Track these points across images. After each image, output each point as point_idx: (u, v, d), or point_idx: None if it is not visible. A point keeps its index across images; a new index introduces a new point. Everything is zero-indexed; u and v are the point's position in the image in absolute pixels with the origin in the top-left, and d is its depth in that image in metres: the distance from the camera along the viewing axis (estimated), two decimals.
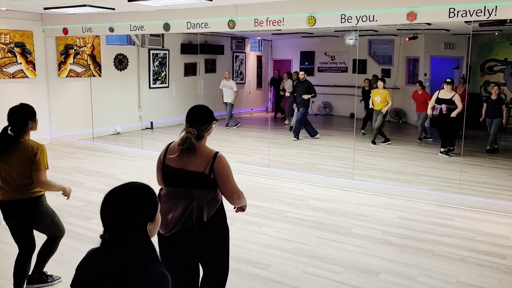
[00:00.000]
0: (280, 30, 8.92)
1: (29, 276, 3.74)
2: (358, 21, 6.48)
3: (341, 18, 6.60)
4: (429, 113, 9.47)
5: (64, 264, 4.23)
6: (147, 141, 10.17)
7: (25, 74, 9.84)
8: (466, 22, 6.92)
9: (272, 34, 13.81)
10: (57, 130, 10.56)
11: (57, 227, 3.76)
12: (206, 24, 7.90)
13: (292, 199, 6.33)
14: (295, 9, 6.99)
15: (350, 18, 6.53)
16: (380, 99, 10.26)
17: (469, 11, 5.64)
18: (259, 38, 16.45)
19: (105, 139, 10.74)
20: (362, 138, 11.11)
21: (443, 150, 9.15)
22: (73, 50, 10.69)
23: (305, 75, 11.07)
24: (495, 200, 6.16)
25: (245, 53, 16.09)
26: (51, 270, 3.97)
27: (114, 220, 1.61)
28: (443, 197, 6.28)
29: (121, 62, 11.82)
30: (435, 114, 9.20)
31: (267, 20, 7.26)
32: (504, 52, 13.31)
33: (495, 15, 5.51)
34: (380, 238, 4.95)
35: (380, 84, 10.38)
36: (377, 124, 10.30)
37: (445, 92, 9.12)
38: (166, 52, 12.87)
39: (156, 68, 12.71)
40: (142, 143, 9.70)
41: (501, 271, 4.20)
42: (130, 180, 1.76)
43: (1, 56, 9.41)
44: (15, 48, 9.63)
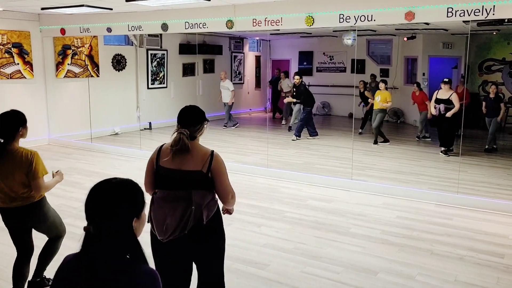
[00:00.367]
0: (279, 30, 8.93)
1: (30, 281, 3.69)
2: (357, 21, 6.48)
3: (340, 18, 6.60)
4: (431, 114, 9.55)
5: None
6: (146, 142, 10.15)
7: (23, 75, 9.82)
8: (464, 22, 6.93)
9: (271, 34, 13.80)
10: (55, 131, 10.54)
11: (59, 227, 3.72)
12: (204, 24, 7.89)
13: (291, 199, 6.32)
14: (293, 9, 6.98)
15: (349, 18, 6.53)
16: (381, 99, 10.34)
17: (467, 11, 5.65)
18: (258, 38, 16.45)
19: (103, 140, 10.72)
20: (361, 138, 11.11)
21: (443, 150, 9.16)
22: (71, 51, 10.68)
23: (300, 80, 11.06)
24: (494, 200, 6.16)
25: (244, 53, 16.08)
26: (50, 272, 3.95)
27: (99, 213, 1.57)
28: (442, 197, 6.28)
29: (119, 63, 11.80)
30: (435, 115, 9.23)
31: (266, 20, 7.25)
32: (502, 52, 13.33)
33: (493, 15, 5.52)
34: (379, 238, 4.95)
35: (382, 86, 10.48)
36: (376, 124, 10.33)
37: (443, 92, 9.13)
38: (164, 52, 12.86)
39: (154, 69, 12.69)
40: (141, 144, 9.69)
41: (500, 270, 4.20)
42: (130, 177, 1.75)
43: None
44: (13, 49, 9.60)
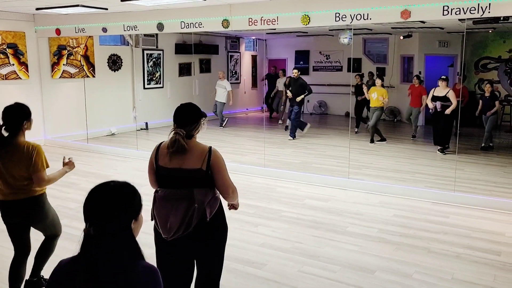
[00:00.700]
0: (275, 29, 8.91)
1: (27, 281, 3.67)
2: (353, 20, 6.48)
3: (336, 17, 6.60)
4: (430, 106, 9.30)
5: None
6: (142, 142, 10.13)
7: (18, 76, 9.78)
8: (460, 20, 6.95)
9: (267, 34, 13.79)
10: (51, 132, 10.50)
11: (56, 226, 3.72)
12: (200, 24, 7.88)
13: (288, 199, 6.32)
14: (290, 8, 6.98)
15: (345, 17, 6.53)
16: (377, 96, 10.27)
17: (463, 9, 5.66)
18: (254, 38, 16.44)
19: (100, 140, 10.69)
20: (357, 137, 11.12)
21: (440, 148, 9.16)
22: (66, 51, 10.64)
23: (299, 73, 10.97)
24: (490, 197, 6.18)
25: (240, 53, 16.07)
26: (46, 272, 3.93)
27: (98, 215, 1.59)
28: (439, 195, 6.29)
29: (115, 63, 11.77)
30: (431, 111, 9.22)
31: (262, 19, 7.24)
32: (498, 50, 13.37)
33: (489, 13, 5.53)
34: (376, 236, 4.95)
35: (378, 82, 10.39)
36: (372, 123, 10.31)
37: (440, 89, 9.13)
38: (160, 52, 12.83)
39: (151, 69, 12.66)
40: (137, 144, 9.66)
41: (496, 268, 4.21)
42: (126, 180, 1.75)
43: None
44: (7, 49, 9.56)
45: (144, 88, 12.53)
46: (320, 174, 7.40)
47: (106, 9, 8.40)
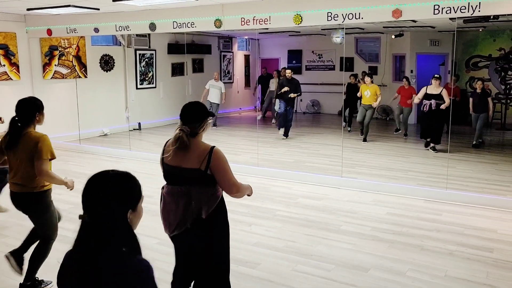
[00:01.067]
0: (267, 29, 8.91)
1: (21, 284, 3.68)
2: (345, 19, 6.50)
3: (328, 16, 6.62)
4: (416, 102, 9.52)
5: (53, 268, 4.17)
6: (135, 142, 10.10)
7: (9, 76, 9.70)
8: (451, 19, 7.00)
9: (259, 33, 13.79)
10: (43, 133, 10.41)
11: (53, 227, 3.75)
12: (193, 24, 7.86)
13: (282, 198, 6.33)
14: (282, 8, 6.99)
15: (337, 16, 6.56)
16: (370, 93, 10.27)
17: (453, 8, 5.70)
18: (247, 37, 16.44)
19: (92, 141, 10.64)
20: (350, 136, 11.16)
21: (432, 146, 9.19)
22: (58, 52, 10.57)
23: (292, 73, 10.99)
24: (482, 194, 6.23)
25: (233, 53, 16.06)
26: (42, 273, 3.91)
27: (93, 203, 1.60)
28: (431, 193, 6.33)
29: (107, 63, 11.72)
30: (425, 110, 9.18)
31: (254, 19, 7.24)
32: (488, 48, 13.47)
33: (479, 12, 5.57)
34: (370, 235, 4.98)
35: (368, 80, 10.40)
36: (367, 121, 10.32)
37: (433, 88, 9.14)
38: (153, 52, 12.79)
39: (143, 69, 12.62)
40: (130, 144, 9.63)
41: (489, 264, 4.25)
42: (85, 184, 1.73)
43: None
44: None
45: (137, 88, 12.49)
46: (314, 173, 7.42)
47: (98, 9, 8.36)
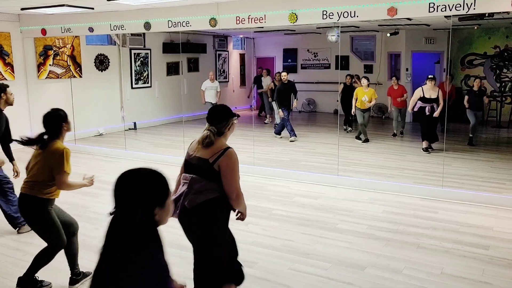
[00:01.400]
0: (262, 28, 8.90)
1: (20, 278, 3.73)
2: (340, 17, 6.50)
3: (323, 15, 6.62)
4: (410, 110, 9.27)
5: (50, 269, 4.15)
6: (131, 142, 10.07)
7: (3, 77, 9.65)
8: (446, 17, 7.00)
9: (255, 32, 13.78)
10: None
11: (60, 235, 3.70)
12: (188, 23, 7.84)
13: (278, 196, 6.32)
14: (277, 6, 6.98)
15: (332, 15, 6.55)
16: (368, 99, 9.96)
17: (449, 6, 5.71)
18: (242, 36, 16.42)
19: (88, 141, 10.60)
20: (346, 134, 11.17)
21: (425, 147, 8.98)
22: (53, 51, 10.52)
23: (287, 76, 10.72)
24: (478, 192, 6.25)
25: (228, 51, 16.04)
26: (38, 274, 3.89)
27: (121, 200, 1.66)
28: (427, 190, 6.35)
29: (102, 63, 11.67)
30: (427, 113, 8.85)
31: (249, 18, 7.23)
32: (483, 46, 13.52)
33: (474, 9, 5.58)
34: (366, 233, 4.98)
35: (365, 82, 10.06)
36: (366, 123, 10.21)
37: (429, 90, 8.90)
38: (148, 52, 12.76)
39: (138, 68, 12.58)
40: (126, 144, 9.60)
41: (485, 262, 4.26)
42: (114, 181, 1.76)
43: None
44: None
45: (132, 88, 12.45)
46: (310, 172, 7.42)
47: (92, 9, 8.32)
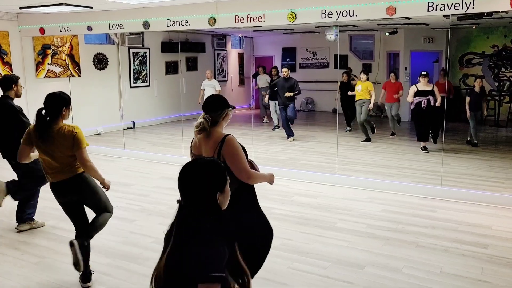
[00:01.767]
0: (261, 27, 8.91)
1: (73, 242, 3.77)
2: (339, 17, 6.50)
3: (322, 14, 6.62)
4: (410, 100, 9.12)
5: (46, 268, 4.15)
6: (129, 141, 10.06)
7: (2, 76, 9.62)
8: (445, 16, 7.00)
9: (253, 31, 13.76)
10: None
11: (106, 202, 3.93)
12: (187, 22, 7.83)
13: (277, 196, 6.32)
14: (276, 5, 6.97)
15: (331, 14, 6.55)
16: (362, 88, 10.13)
17: (447, 5, 5.71)
18: (241, 35, 16.41)
19: (86, 140, 10.56)
20: (345, 133, 11.17)
21: (423, 146, 8.97)
22: (51, 50, 10.50)
23: (289, 72, 10.68)
24: (477, 191, 6.26)
25: (227, 51, 16.02)
26: (36, 272, 3.89)
27: (187, 188, 1.86)
28: (426, 189, 6.36)
29: (101, 62, 11.66)
30: (423, 106, 8.84)
31: (248, 17, 7.23)
32: (482, 45, 13.53)
33: (473, 8, 5.59)
34: (365, 232, 4.99)
35: (363, 77, 10.23)
36: (363, 118, 10.15)
37: (423, 86, 8.91)
38: (147, 51, 12.74)
39: (137, 67, 12.57)
40: (124, 143, 9.59)
41: (484, 260, 4.27)
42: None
43: None
44: None
45: (131, 87, 12.44)
46: (309, 171, 7.43)
47: (91, 8, 8.30)
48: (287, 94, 10.39)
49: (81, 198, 3.84)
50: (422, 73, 9.06)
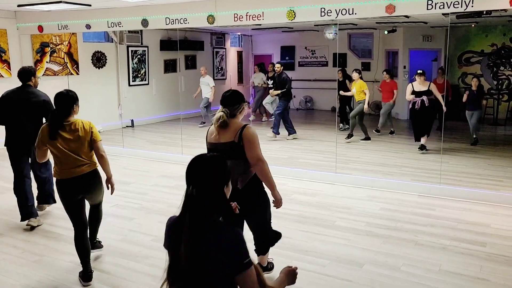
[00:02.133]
0: (260, 25, 8.89)
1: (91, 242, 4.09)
2: (338, 15, 6.50)
3: (321, 12, 6.61)
4: (409, 99, 9.02)
5: (46, 266, 4.15)
6: (128, 140, 10.05)
7: (0, 74, 9.61)
8: (444, 15, 7.02)
9: (252, 29, 13.75)
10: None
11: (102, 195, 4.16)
12: (185, 20, 7.83)
13: None
14: (275, 3, 6.97)
15: (330, 12, 6.55)
16: (356, 89, 9.99)
17: (447, 3, 5.71)
18: (239, 34, 16.39)
19: None
20: (344, 132, 11.16)
21: (420, 145, 8.88)
22: (49, 48, 10.49)
23: (281, 68, 10.54)
24: (475, 189, 6.26)
25: (226, 49, 16.01)
26: (36, 272, 3.89)
27: (196, 180, 1.91)
28: (425, 188, 6.36)
29: (99, 60, 11.64)
30: (417, 108, 8.82)
31: (247, 15, 7.22)
32: (481, 44, 13.54)
33: (472, 7, 5.59)
34: (364, 230, 4.99)
35: (355, 76, 9.99)
36: (353, 114, 10.04)
37: (419, 85, 8.84)
38: (145, 49, 12.72)
39: (136, 65, 12.55)
40: (123, 142, 9.58)
41: (482, 259, 4.28)
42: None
43: None
44: None
45: (129, 85, 12.42)
46: (307, 169, 7.43)
47: (90, 6, 8.28)
48: (272, 92, 10.51)
49: (92, 193, 3.96)
50: (418, 72, 8.96)
